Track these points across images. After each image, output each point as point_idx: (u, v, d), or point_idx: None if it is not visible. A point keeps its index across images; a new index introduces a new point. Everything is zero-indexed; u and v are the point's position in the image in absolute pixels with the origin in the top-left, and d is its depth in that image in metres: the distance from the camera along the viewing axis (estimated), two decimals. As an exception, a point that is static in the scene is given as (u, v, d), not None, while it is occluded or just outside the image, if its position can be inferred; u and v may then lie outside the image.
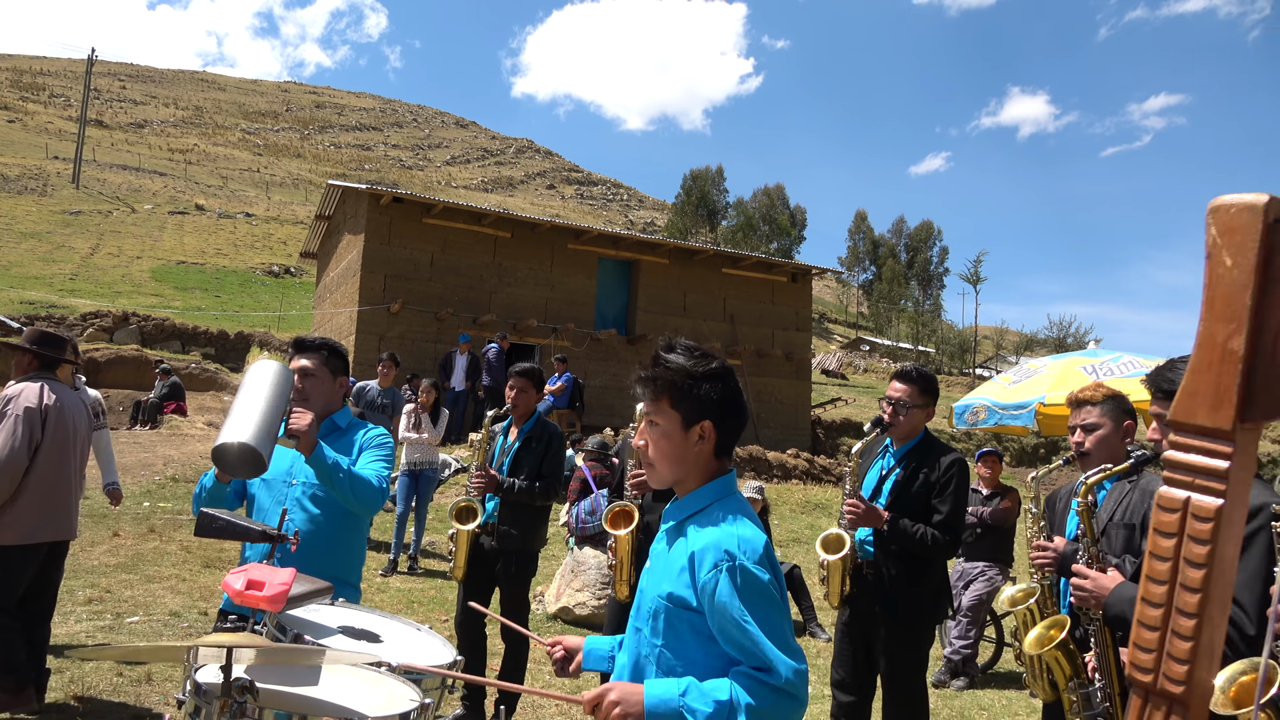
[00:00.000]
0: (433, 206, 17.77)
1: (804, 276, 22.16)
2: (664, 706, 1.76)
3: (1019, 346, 65.87)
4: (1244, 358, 0.60)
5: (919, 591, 3.77)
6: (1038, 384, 6.35)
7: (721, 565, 1.80)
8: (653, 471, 1.99)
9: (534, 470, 4.84)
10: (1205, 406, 0.62)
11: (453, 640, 4.45)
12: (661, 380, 1.93)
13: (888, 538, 3.71)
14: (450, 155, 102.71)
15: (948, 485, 3.74)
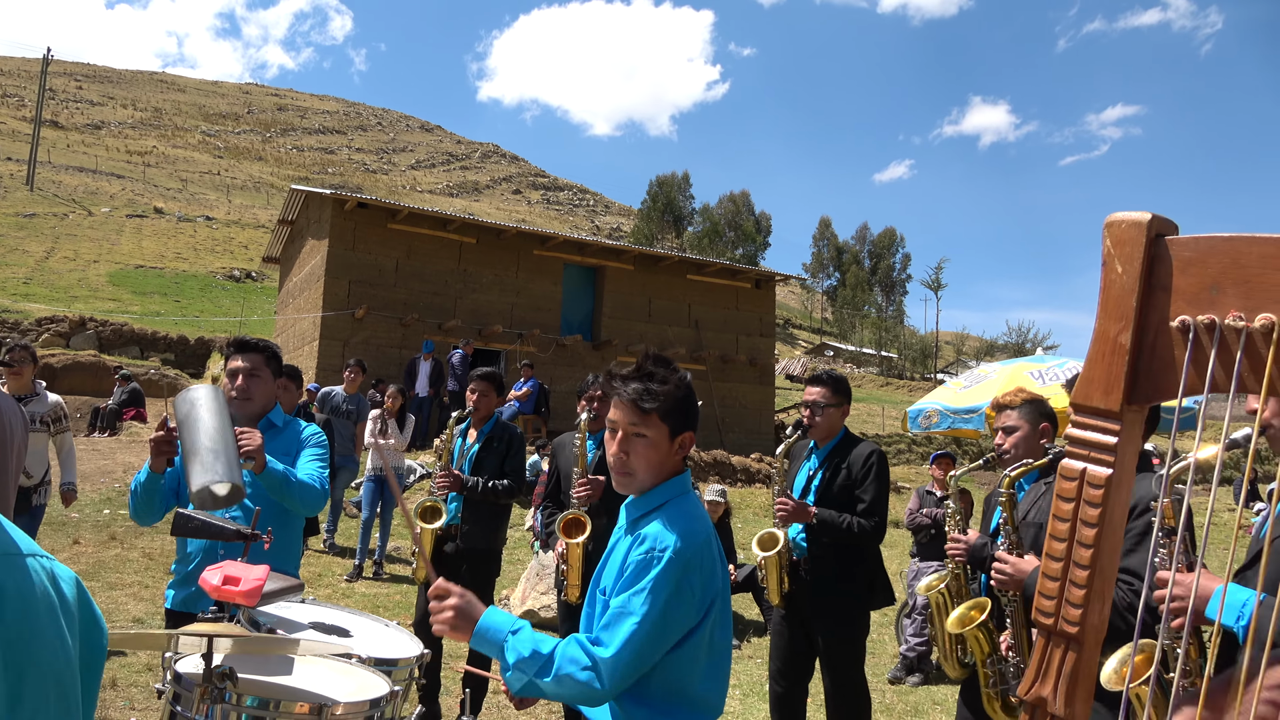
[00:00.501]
0: (398, 212, 17.76)
1: (768, 283, 22.43)
2: (492, 633, 1.90)
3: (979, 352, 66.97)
4: (1130, 350, 0.72)
5: (852, 583, 4.00)
6: (987, 388, 6.58)
7: (655, 550, 1.94)
8: (632, 480, 2.09)
9: (496, 470, 4.96)
10: (1099, 391, 0.74)
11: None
12: (657, 396, 2.04)
13: (818, 530, 3.94)
14: (415, 159, 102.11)
15: (867, 475, 4.00)
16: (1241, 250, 0.63)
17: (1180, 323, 0.67)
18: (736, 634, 7.76)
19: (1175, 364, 0.69)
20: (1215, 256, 0.64)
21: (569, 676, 1.87)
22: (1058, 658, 0.74)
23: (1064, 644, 0.74)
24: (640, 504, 2.11)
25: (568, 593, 4.38)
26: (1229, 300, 0.64)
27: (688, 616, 1.95)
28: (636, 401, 2.03)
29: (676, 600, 1.92)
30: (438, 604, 1.95)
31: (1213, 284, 0.65)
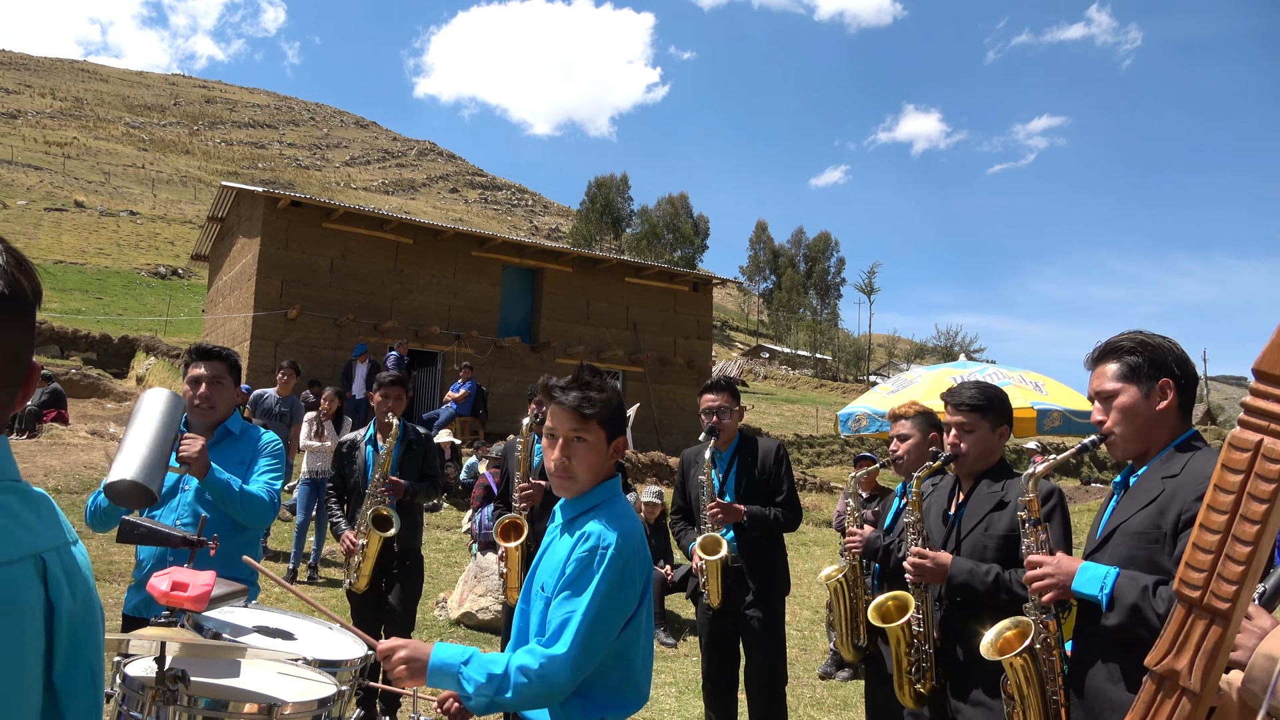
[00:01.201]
0: (333, 211, 17.52)
1: (705, 286, 22.69)
2: (445, 669, 2.01)
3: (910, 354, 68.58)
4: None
5: (774, 574, 4.26)
6: (913, 393, 6.83)
7: (596, 550, 2.08)
8: (573, 483, 2.21)
9: (417, 473, 5.01)
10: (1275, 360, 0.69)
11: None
12: (596, 403, 2.17)
13: (749, 527, 4.16)
14: (350, 156, 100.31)
15: (779, 467, 4.29)
16: None
17: None
18: (674, 633, 7.90)
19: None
20: None
21: (524, 685, 1.98)
22: (1199, 631, 0.72)
23: (1208, 619, 0.72)
24: (576, 504, 2.23)
25: (509, 596, 4.45)
26: None
27: (627, 606, 2.10)
28: (578, 409, 2.16)
29: (619, 591, 2.06)
30: (389, 663, 2.04)
31: None
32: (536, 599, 2.22)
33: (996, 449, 3.14)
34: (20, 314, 0.92)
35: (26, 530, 0.94)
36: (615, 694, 2.15)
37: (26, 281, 0.94)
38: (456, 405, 14.89)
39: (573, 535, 2.18)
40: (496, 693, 1.98)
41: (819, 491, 17.64)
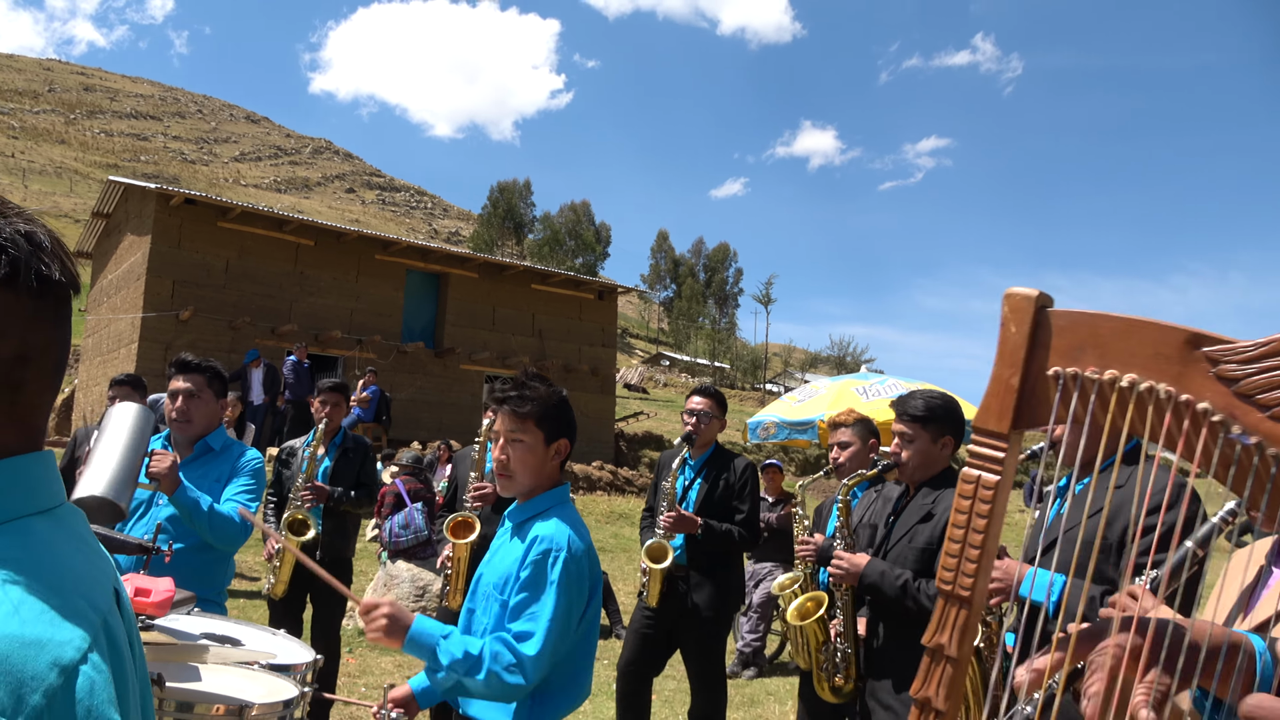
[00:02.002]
0: (229, 210, 16.96)
1: (610, 294, 22.90)
2: (424, 638, 2.10)
3: (805, 364, 70.49)
4: (1017, 390, 0.98)
5: (721, 589, 4.30)
6: (819, 403, 7.19)
7: (550, 552, 2.19)
8: (511, 481, 2.34)
9: (351, 481, 5.01)
10: (994, 418, 0.99)
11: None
12: (533, 403, 2.28)
13: (701, 540, 4.19)
14: (240, 151, 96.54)
15: (745, 487, 4.30)
16: (1098, 323, 0.91)
17: (1053, 372, 0.94)
18: (583, 637, 8.01)
19: (1048, 401, 0.94)
20: (1082, 326, 0.92)
21: (496, 674, 2.07)
22: (953, 614, 0.99)
23: (958, 604, 0.99)
24: (525, 509, 2.35)
25: (450, 599, 4.45)
26: (1089, 359, 0.92)
27: (580, 604, 2.22)
28: (514, 409, 2.29)
29: (574, 592, 2.19)
30: (369, 616, 2.10)
31: (1078, 346, 0.92)
32: (488, 599, 2.32)
33: (938, 459, 3.17)
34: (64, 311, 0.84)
35: (102, 560, 0.88)
36: (562, 690, 2.28)
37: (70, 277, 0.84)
38: (360, 410, 14.64)
39: (523, 539, 2.29)
40: (467, 673, 2.06)
41: (720, 497, 18.01)
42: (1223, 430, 0.82)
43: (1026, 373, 0.94)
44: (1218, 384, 0.83)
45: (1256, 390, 0.80)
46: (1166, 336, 0.86)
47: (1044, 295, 0.95)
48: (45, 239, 0.80)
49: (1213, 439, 0.83)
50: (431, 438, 16.34)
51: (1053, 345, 0.93)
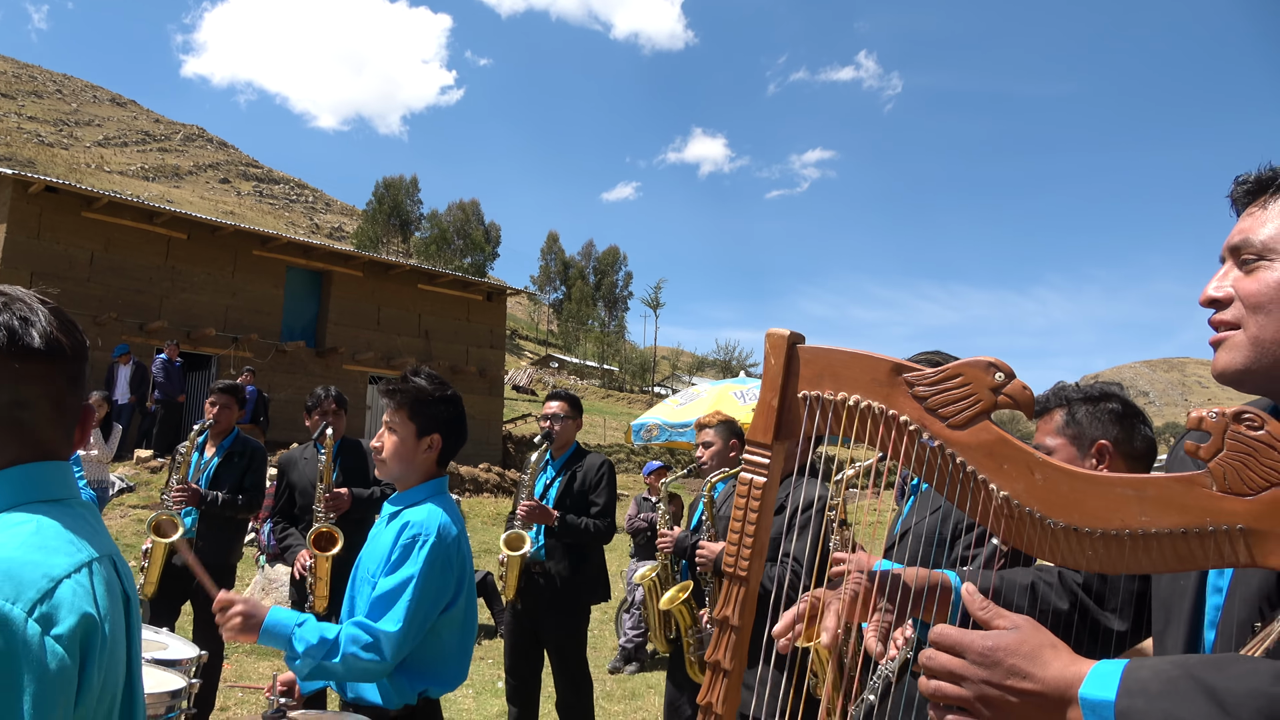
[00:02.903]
0: (95, 200, 16.10)
1: (499, 296, 22.82)
2: (278, 628, 2.21)
3: (692, 367, 71.68)
4: (776, 409, 1.19)
5: (580, 579, 4.51)
6: (699, 406, 7.47)
7: (418, 537, 2.32)
8: (384, 466, 2.48)
9: (235, 485, 4.94)
10: (760, 432, 1.21)
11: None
12: (406, 395, 2.42)
13: (559, 532, 4.40)
14: (103, 135, 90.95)
15: (600, 482, 4.56)
16: (832, 356, 1.15)
17: (802, 395, 1.16)
18: (468, 638, 8.06)
19: (799, 418, 1.17)
20: (821, 358, 1.15)
21: (353, 655, 2.17)
22: (735, 591, 1.19)
23: (739, 583, 1.19)
24: (401, 499, 2.49)
25: (314, 604, 4.46)
26: (827, 384, 1.14)
27: (446, 592, 2.35)
28: (390, 400, 2.46)
29: (439, 577, 2.30)
30: (223, 614, 2.18)
31: (819, 374, 1.15)
32: (363, 584, 2.43)
33: (793, 455, 3.56)
34: (58, 367, 1.10)
35: (103, 534, 1.13)
36: (433, 670, 2.40)
37: (66, 339, 1.11)
38: (235, 412, 14.17)
39: (396, 526, 2.41)
40: (325, 657, 2.15)
41: (606, 499, 18.24)
42: (917, 436, 1.06)
43: (783, 395, 1.17)
44: (914, 402, 1.07)
45: (938, 406, 1.05)
46: (879, 366, 1.11)
47: (795, 334, 1.18)
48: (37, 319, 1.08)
49: (911, 443, 1.07)
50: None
51: (801, 374, 1.16)
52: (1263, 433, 0.87)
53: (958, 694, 0.96)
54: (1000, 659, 0.94)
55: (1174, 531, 0.92)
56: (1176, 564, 0.93)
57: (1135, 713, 0.84)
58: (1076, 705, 0.89)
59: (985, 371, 1.03)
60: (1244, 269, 1.11)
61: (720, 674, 1.17)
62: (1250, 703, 0.79)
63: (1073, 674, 0.91)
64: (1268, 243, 1.09)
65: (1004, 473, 1.01)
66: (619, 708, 6.54)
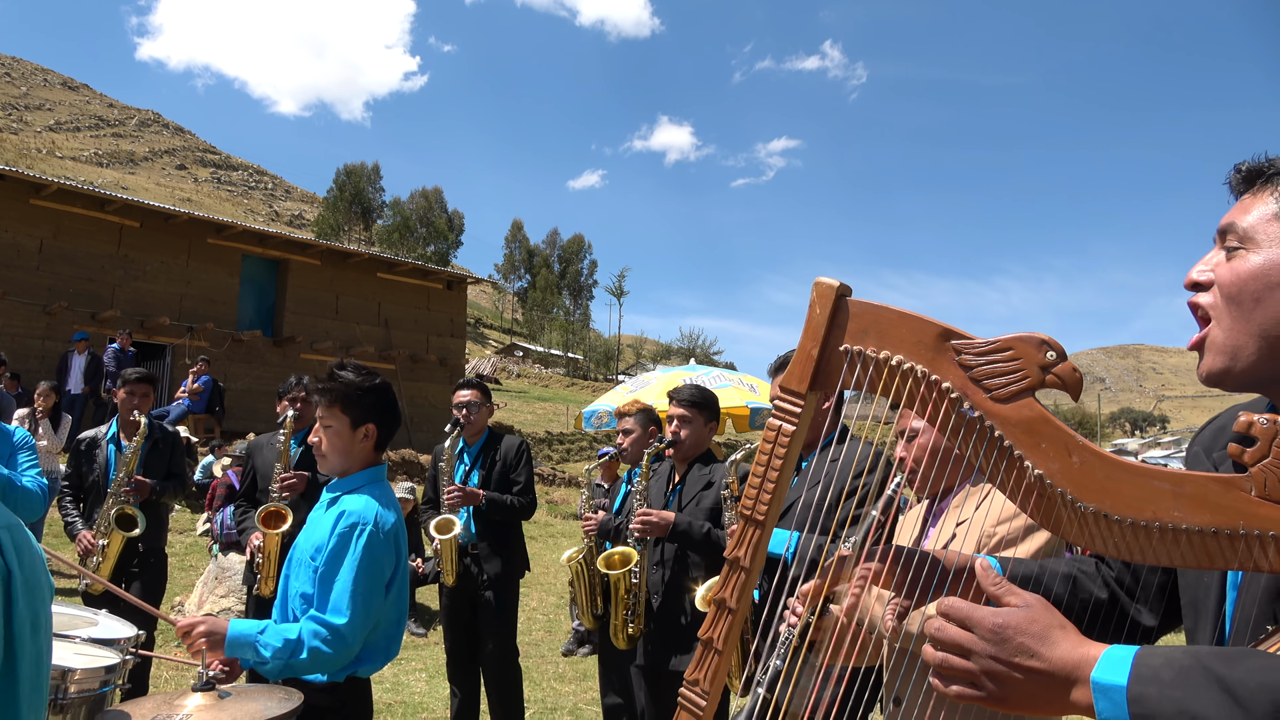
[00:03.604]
0: (44, 186, 15.81)
1: (460, 284, 22.75)
2: (242, 639, 2.33)
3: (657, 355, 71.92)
4: (815, 359, 1.17)
5: (507, 560, 4.69)
6: (649, 393, 7.58)
7: (356, 525, 2.43)
8: (324, 460, 2.59)
9: (163, 472, 4.98)
10: (795, 380, 1.18)
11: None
12: (335, 391, 2.52)
13: (487, 511, 4.57)
14: (55, 120, 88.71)
15: (520, 461, 4.75)
16: (880, 313, 1.13)
17: (844, 349, 1.15)
18: (424, 623, 8.15)
19: (838, 371, 1.15)
20: (868, 314, 1.14)
21: (317, 649, 2.30)
22: (750, 533, 1.19)
23: (755, 526, 1.19)
24: (339, 486, 2.59)
25: (261, 586, 4.54)
26: (871, 340, 1.13)
27: (385, 573, 2.47)
28: (321, 397, 2.55)
29: (379, 562, 2.43)
30: (189, 639, 2.30)
31: (864, 329, 1.13)
32: (301, 565, 2.53)
33: (706, 440, 3.85)
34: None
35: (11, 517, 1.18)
36: (367, 650, 2.51)
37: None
38: (189, 401, 14.05)
39: (334, 512, 2.51)
40: (291, 655, 2.29)
41: (567, 486, 18.35)
42: (957, 405, 1.06)
43: (824, 347, 1.15)
44: (959, 369, 1.05)
45: (983, 377, 1.03)
46: (927, 328, 1.09)
47: (844, 286, 1.17)
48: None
49: (950, 410, 1.06)
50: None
51: (847, 327, 1.14)
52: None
53: (964, 667, 0.96)
54: (1010, 636, 0.94)
55: (1205, 530, 0.92)
56: (1204, 561, 0.94)
57: (1147, 699, 0.84)
58: (1084, 686, 0.89)
59: (1038, 348, 1.01)
60: (1227, 254, 1.11)
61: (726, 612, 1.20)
62: (1263, 695, 0.79)
63: (1080, 655, 0.91)
64: (1248, 230, 1.08)
65: (1041, 451, 1.00)
66: (570, 688, 6.68)
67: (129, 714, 2.06)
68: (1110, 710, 0.87)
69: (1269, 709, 0.78)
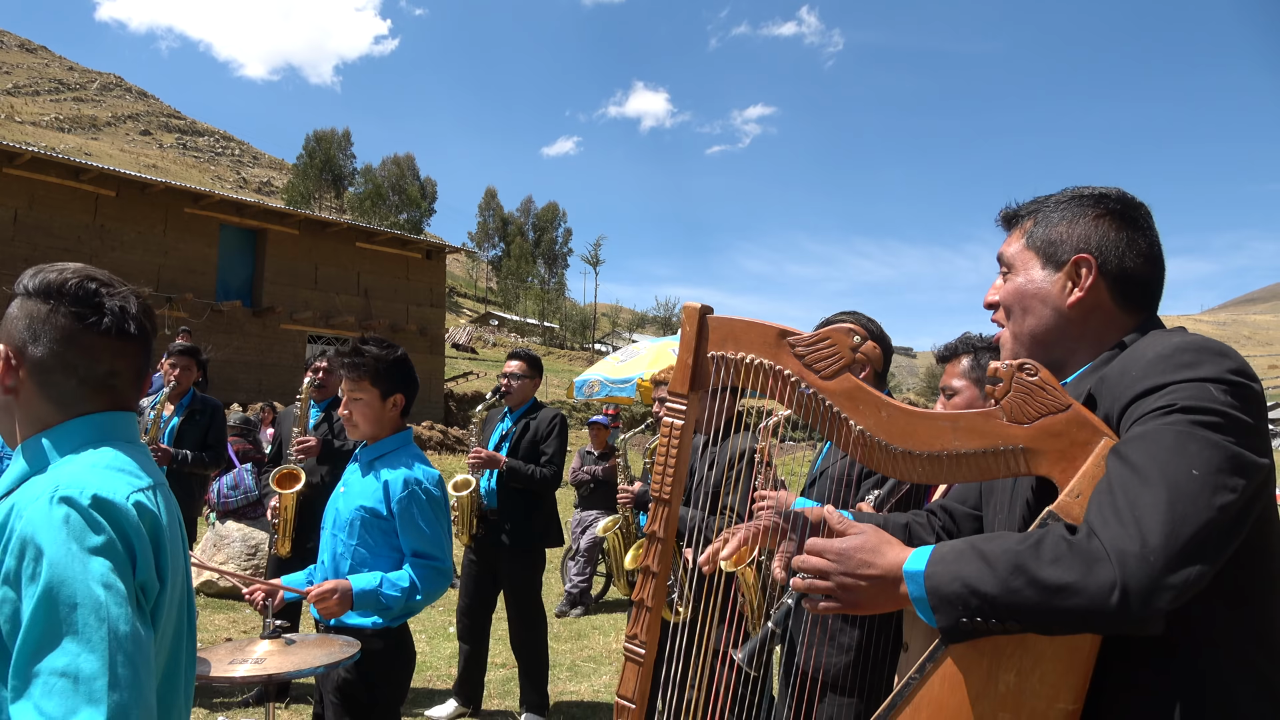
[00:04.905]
0: (17, 155, 15.60)
1: (438, 254, 22.75)
2: (367, 593, 2.58)
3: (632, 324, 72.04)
4: (691, 366, 1.49)
5: (531, 523, 4.85)
6: (639, 363, 7.81)
7: (411, 487, 2.68)
8: (356, 429, 2.81)
9: (199, 443, 5.13)
10: (678, 384, 1.51)
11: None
12: (365, 366, 2.71)
13: (507, 477, 4.73)
14: (13, 84, 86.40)
15: (550, 433, 4.89)
16: (734, 324, 1.43)
17: (710, 355, 1.46)
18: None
19: (709, 373, 1.45)
20: (724, 326, 1.44)
21: (430, 590, 2.61)
22: (661, 511, 1.49)
23: (663, 506, 1.48)
24: (372, 450, 2.82)
25: (279, 546, 4.71)
26: (729, 346, 1.43)
27: (449, 518, 2.79)
28: (348, 371, 2.76)
29: (445, 511, 2.74)
30: (324, 604, 2.52)
31: (724, 338, 1.43)
32: (352, 526, 2.74)
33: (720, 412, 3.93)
34: (143, 346, 1.40)
35: (156, 468, 1.41)
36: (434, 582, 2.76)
37: (149, 324, 1.39)
38: (173, 373, 14.07)
39: (376, 478, 2.73)
40: (409, 598, 2.57)
41: (549, 454, 18.56)
42: (797, 386, 1.36)
43: (696, 355, 1.47)
44: (795, 359, 1.37)
45: (812, 362, 1.35)
46: (768, 331, 1.40)
47: (706, 307, 1.49)
48: (133, 307, 1.39)
49: (793, 391, 1.37)
50: (251, 399, 15.91)
51: (710, 338, 1.46)
52: (1037, 378, 1.21)
53: (824, 586, 1.28)
54: (851, 554, 1.26)
55: (976, 451, 1.24)
56: (980, 475, 1.26)
57: (936, 575, 1.17)
58: (904, 580, 1.22)
59: (846, 335, 1.33)
60: (1003, 278, 1.45)
61: (650, 577, 1.50)
62: (1005, 558, 1.12)
63: (901, 558, 1.23)
64: (1010, 259, 1.44)
65: (860, 412, 1.32)
66: (566, 647, 6.94)
67: (208, 660, 2.26)
68: (916, 590, 1.19)
69: (1009, 564, 1.10)
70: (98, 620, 1.11)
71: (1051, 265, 1.39)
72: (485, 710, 5.04)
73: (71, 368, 1.31)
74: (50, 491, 1.19)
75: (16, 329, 1.32)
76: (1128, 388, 1.21)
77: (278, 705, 4.70)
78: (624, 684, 1.50)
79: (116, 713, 1.08)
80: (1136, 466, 1.10)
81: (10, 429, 1.35)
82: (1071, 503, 1.17)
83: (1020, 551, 1.11)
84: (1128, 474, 1.11)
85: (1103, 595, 1.04)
